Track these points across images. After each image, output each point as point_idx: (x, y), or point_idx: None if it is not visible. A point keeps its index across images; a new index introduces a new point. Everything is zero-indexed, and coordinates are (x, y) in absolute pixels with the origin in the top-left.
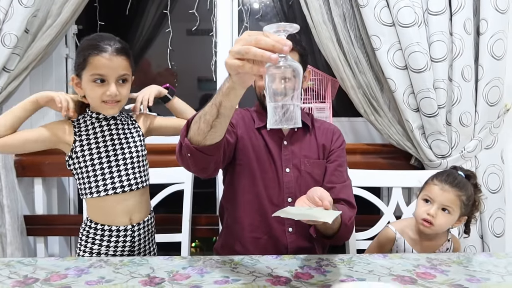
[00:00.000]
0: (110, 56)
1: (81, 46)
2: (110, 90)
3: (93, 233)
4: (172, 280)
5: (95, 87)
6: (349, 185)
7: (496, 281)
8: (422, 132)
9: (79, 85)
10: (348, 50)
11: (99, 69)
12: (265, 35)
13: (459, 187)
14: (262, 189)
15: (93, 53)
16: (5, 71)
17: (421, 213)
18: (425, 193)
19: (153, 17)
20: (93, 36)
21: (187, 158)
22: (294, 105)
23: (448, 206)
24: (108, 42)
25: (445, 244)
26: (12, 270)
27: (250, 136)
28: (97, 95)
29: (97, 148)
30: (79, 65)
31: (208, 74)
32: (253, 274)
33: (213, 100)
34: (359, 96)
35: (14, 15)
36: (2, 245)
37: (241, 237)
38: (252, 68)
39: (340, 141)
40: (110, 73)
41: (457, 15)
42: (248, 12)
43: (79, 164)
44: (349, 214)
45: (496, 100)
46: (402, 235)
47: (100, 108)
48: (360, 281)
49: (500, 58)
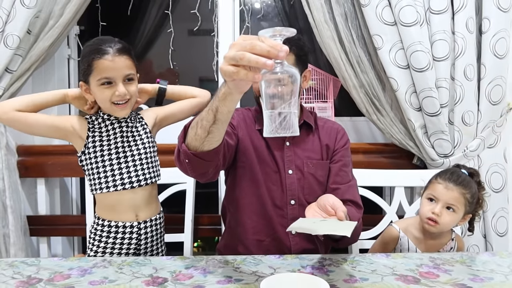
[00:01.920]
0: (112, 58)
1: (83, 53)
2: (118, 91)
3: (100, 230)
4: (175, 280)
5: (103, 90)
6: (354, 185)
7: (499, 280)
8: (425, 131)
9: (88, 91)
10: (350, 50)
11: (104, 72)
12: (260, 40)
13: (463, 185)
14: (265, 191)
15: (96, 57)
16: (7, 72)
17: (426, 212)
18: (429, 192)
19: (154, 18)
20: (93, 41)
21: (185, 163)
22: (291, 112)
23: (452, 204)
24: (109, 44)
25: (449, 243)
26: (16, 270)
27: (252, 137)
28: (107, 97)
29: (108, 145)
30: (85, 71)
31: (209, 74)
32: (256, 274)
33: (210, 106)
34: (361, 95)
35: (16, 16)
36: (6, 246)
37: (244, 239)
38: (247, 74)
39: (344, 140)
40: (115, 74)
41: (459, 14)
42: (250, 12)
43: (91, 160)
44: (357, 215)
45: (499, 99)
46: (405, 233)
47: (111, 110)
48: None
49: (503, 56)
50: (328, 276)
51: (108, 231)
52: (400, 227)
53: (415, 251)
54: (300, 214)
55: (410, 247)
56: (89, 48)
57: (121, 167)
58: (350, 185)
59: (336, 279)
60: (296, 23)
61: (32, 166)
